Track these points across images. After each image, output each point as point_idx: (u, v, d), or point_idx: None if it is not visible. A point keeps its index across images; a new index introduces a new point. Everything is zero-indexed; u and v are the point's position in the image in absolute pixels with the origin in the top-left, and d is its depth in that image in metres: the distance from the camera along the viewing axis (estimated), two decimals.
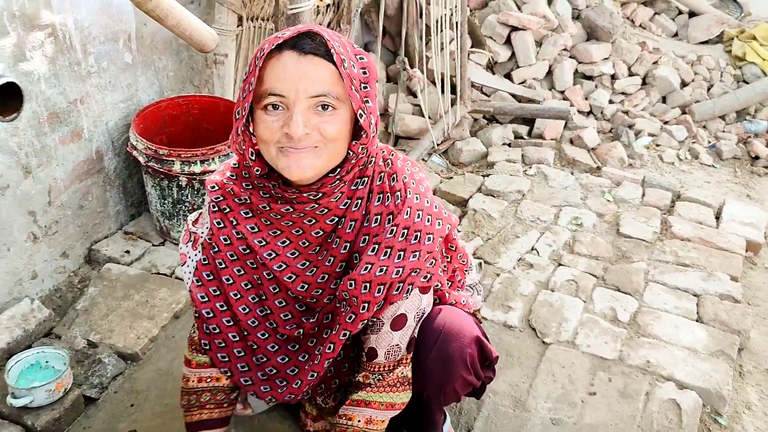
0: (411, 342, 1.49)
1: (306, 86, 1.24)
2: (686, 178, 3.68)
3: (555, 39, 4.30)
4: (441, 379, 1.53)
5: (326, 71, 1.25)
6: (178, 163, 2.44)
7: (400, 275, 1.38)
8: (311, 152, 1.29)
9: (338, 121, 1.28)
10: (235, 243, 1.48)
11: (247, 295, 1.52)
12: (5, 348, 2.10)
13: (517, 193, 3.25)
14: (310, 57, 1.24)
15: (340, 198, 1.38)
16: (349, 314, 1.41)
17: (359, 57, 1.31)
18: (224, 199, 1.47)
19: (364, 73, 1.30)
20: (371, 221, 1.40)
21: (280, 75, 1.25)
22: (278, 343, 1.56)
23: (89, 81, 2.41)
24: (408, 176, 1.43)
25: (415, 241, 1.39)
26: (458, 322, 1.52)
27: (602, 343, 2.31)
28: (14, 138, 2.16)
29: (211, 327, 1.57)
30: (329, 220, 1.40)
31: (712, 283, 2.64)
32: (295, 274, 1.46)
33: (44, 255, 2.39)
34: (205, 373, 1.64)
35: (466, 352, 1.51)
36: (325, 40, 1.25)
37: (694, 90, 4.37)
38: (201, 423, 1.64)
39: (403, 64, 3.44)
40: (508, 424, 2.01)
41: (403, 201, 1.39)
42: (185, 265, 1.60)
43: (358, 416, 1.51)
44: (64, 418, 1.94)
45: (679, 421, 2.04)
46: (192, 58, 2.91)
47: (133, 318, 2.30)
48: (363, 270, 1.37)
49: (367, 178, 1.40)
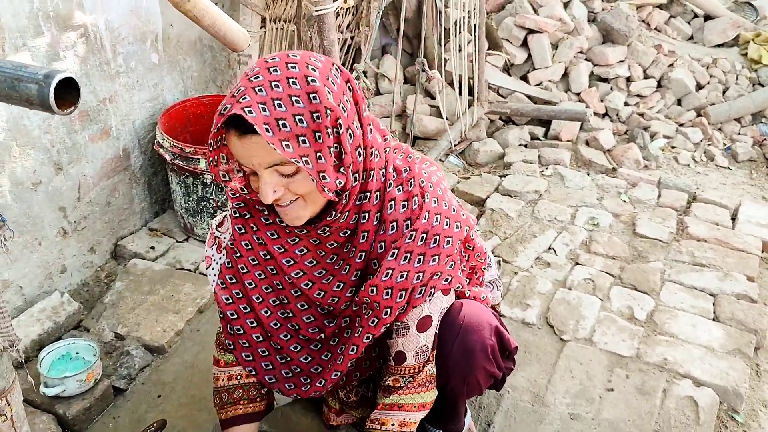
0: (434, 339, 1.53)
1: (259, 160, 1.25)
2: (702, 179, 3.70)
3: (571, 41, 4.33)
4: (464, 371, 1.56)
5: (267, 144, 1.21)
6: (203, 161, 2.50)
7: (421, 280, 1.41)
8: (296, 206, 1.33)
9: (303, 178, 1.28)
10: (256, 248, 1.51)
11: (269, 298, 1.56)
12: (37, 339, 2.16)
13: (534, 193, 3.28)
14: (248, 137, 1.22)
15: (348, 216, 1.39)
16: (372, 318, 1.44)
17: (312, 97, 1.22)
18: (245, 206, 1.50)
19: (316, 118, 1.22)
20: (387, 228, 1.41)
21: (235, 152, 1.28)
22: (301, 343, 1.60)
23: (118, 80, 2.48)
24: (425, 179, 1.44)
25: (434, 245, 1.41)
26: (477, 314, 1.55)
27: (619, 341, 2.34)
28: (47, 135, 2.23)
29: (236, 328, 1.60)
30: (342, 232, 1.42)
31: (728, 283, 2.66)
32: (312, 281, 1.50)
33: (73, 250, 2.46)
34: (234, 371, 1.67)
35: (487, 343, 1.53)
36: (250, 121, 1.18)
37: (709, 92, 4.39)
38: (236, 418, 1.67)
39: (422, 65, 3.48)
40: (527, 419, 2.04)
41: (420, 206, 1.40)
42: (210, 267, 1.64)
43: (392, 420, 1.53)
44: (94, 408, 1.99)
45: (697, 417, 2.06)
46: (215, 58, 2.97)
47: (158, 312, 2.36)
48: (384, 276, 1.39)
49: (369, 192, 1.39)
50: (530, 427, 2.01)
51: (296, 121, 1.21)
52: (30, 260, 2.28)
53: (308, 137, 1.22)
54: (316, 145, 1.23)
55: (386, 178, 1.41)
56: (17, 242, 2.22)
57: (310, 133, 1.22)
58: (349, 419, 1.83)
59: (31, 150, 2.18)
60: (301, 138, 1.22)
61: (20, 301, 2.27)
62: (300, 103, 1.22)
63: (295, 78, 1.23)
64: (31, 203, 2.23)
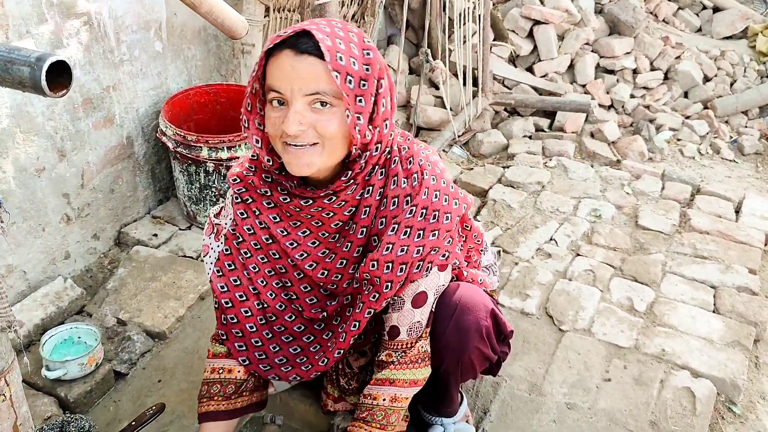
0: (429, 317, 1.54)
1: (301, 85, 1.27)
2: (707, 172, 3.69)
3: (577, 33, 4.32)
4: (458, 351, 1.57)
5: (321, 69, 1.26)
6: (205, 149, 2.51)
7: (420, 254, 1.43)
8: (310, 150, 1.33)
9: (335, 118, 1.30)
10: (259, 233, 1.53)
11: (272, 281, 1.58)
12: (39, 324, 2.18)
13: (536, 184, 3.28)
14: (305, 56, 1.26)
15: (356, 189, 1.42)
16: (373, 293, 1.46)
17: (366, 52, 1.31)
18: (246, 191, 1.52)
19: (366, 69, 1.30)
20: (389, 204, 1.44)
21: (278, 74, 1.28)
22: (304, 323, 1.62)
23: (122, 68, 2.49)
24: (424, 158, 1.47)
25: (433, 220, 1.43)
26: (474, 296, 1.56)
27: (618, 332, 2.35)
28: (50, 122, 2.25)
29: (229, 317, 1.62)
30: (347, 211, 1.45)
31: (729, 275, 2.66)
32: (316, 261, 1.52)
33: (76, 236, 2.48)
34: (217, 364, 1.67)
35: (482, 324, 1.55)
36: (318, 39, 1.25)
37: (716, 85, 4.37)
38: (208, 414, 1.65)
39: (426, 56, 3.48)
40: (523, 407, 2.05)
41: (420, 182, 1.43)
42: (207, 255, 1.65)
43: (383, 395, 1.55)
44: (95, 391, 2.02)
45: (693, 408, 2.07)
46: (219, 48, 2.98)
47: (160, 298, 2.38)
48: (384, 250, 1.42)
49: (378, 167, 1.43)
50: (526, 415, 2.02)
51: (351, 62, 1.28)
52: (34, 246, 2.30)
53: (355, 81, 1.29)
54: (359, 90, 1.30)
55: (390, 156, 1.45)
56: (21, 228, 2.24)
57: (358, 78, 1.29)
58: (346, 406, 1.85)
59: (34, 136, 2.21)
60: (350, 77, 1.28)
61: (24, 286, 2.30)
62: (356, 50, 1.30)
63: (354, 34, 1.33)
64: (35, 189, 2.26)
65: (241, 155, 2.55)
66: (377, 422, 1.55)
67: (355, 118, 1.30)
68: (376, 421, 1.55)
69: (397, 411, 1.57)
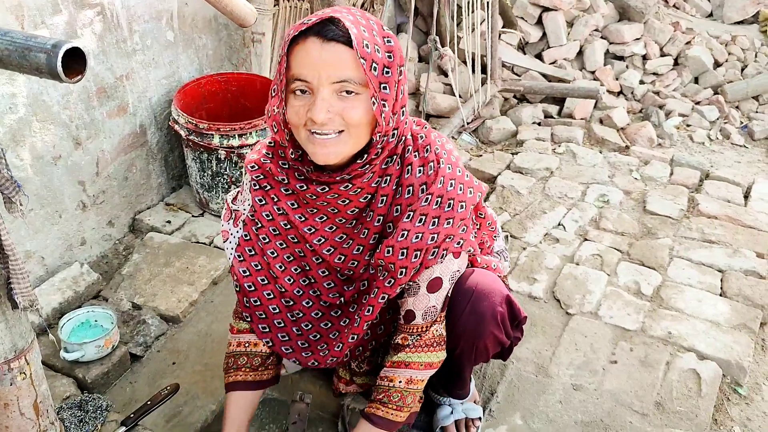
0: (445, 302, 1.58)
1: (328, 72, 1.28)
2: (716, 158, 3.69)
3: (586, 19, 4.31)
4: (473, 336, 1.61)
5: (348, 57, 1.27)
6: (217, 136, 2.55)
7: (435, 241, 1.46)
8: (336, 139, 1.34)
9: (360, 106, 1.32)
10: (277, 219, 1.56)
11: (290, 266, 1.61)
12: (57, 307, 2.24)
13: (545, 170, 3.30)
14: (332, 44, 1.27)
15: (372, 177, 1.45)
16: (388, 279, 1.49)
17: (386, 40, 1.33)
18: (264, 178, 1.55)
19: (389, 57, 1.32)
20: (404, 192, 1.46)
21: (305, 61, 1.29)
22: (321, 309, 1.66)
23: (134, 58, 2.54)
24: (440, 147, 1.49)
25: (448, 209, 1.45)
26: (490, 282, 1.60)
27: (625, 315, 2.37)
28: (66, 111, 2.30)
29: (252, 300, 1.65)
30: (363, 198, 1.47)
31: (737, 259, 2.67)
32: (333, 247, 1.55)
33: (92, 223, 2.53)
34: (243, 338, 1.73)
35: (497, 310, 1.58)
36: (347, 27, 1.26)
37: (727, 70, 4.35)
38: (236, 384, 1.71)
39: (435, 43, 3.50)
40: (530, 389, 2.09)
41: (436, 171, 1.45)
42: (227, 241, 1.68)
43: (399, 377, 1.59)
44: (112, 373, 2.07)
45: (699, 390, 2.09)
46: (230, 37, 3.01)
47: (174, 283, 2.43)
48: (400, 237, 1.44)
49: (395, 156, 1.46)
50: (533, 396, 2.06)
51: (375, 49, 1.30)
52: (51, 232, 2.36)
53: (380, 68, 1.31)
54: (383, 77, 1.32)
55: (405, 144, 1.47)
56: (39, 214, 2.30)
57: (382, 65, 1.31)
58: (357, 389, 1.89)
59: (50, 125, 2.25)
60: (375, 64, 1.30)
61: (42, 271, 2.36)
62: (378, 38, 1.32)
63: (374, 22, 1.35)
64: (52, 177, 2.31)
65: (251, 142, 2.59)
66: (393, 404, 1.59)
67: (381, 105, 1.32)
68: (392, 403, 1.59)
69: (413, 393, 1.61)
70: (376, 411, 1.60)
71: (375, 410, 1.60)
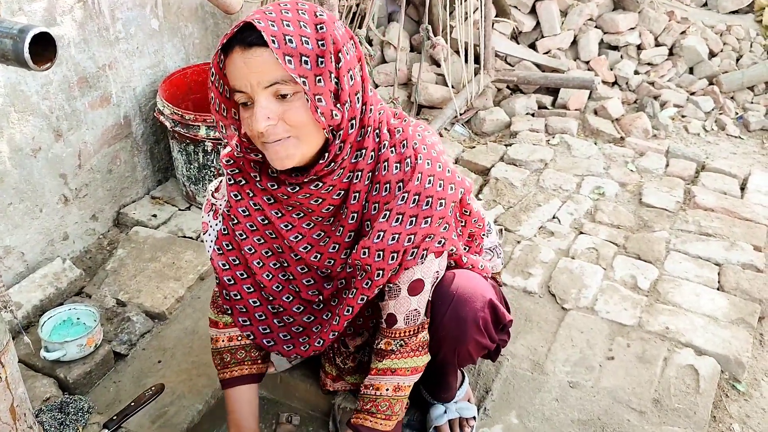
0: (427, 306, 1.52)
1: (258, 79, 1.23)
2: (712, 149, 3.65)
3: (581, 8, 4.25)
4: (455, 342, 1.56)
5: (273, 59, 1.21)
6: (203, 128, 2.48)
7: (412, 242, 1.40)
8: (285, 144, 1.29)
9: (302, 105, 1.26)
10: (254, 214, 1.51)
11: (269, 262, 1.56)
12: (38, 305, 2.17)
13: (539, 162, 3.25)
14: (254, 49, 1.21)
15: (343, 173, 1.38)
16: (365, 280, 1.44)
17: (319, 27, 1.25)
18: (239, 172, 1.49)
19: (321, 45, 1.24)
20: (381, 190, 1.40)
21: (235, 73, 1.25)
22: (303, 304, 1.61)
23: (117, 47, 2.46)
24: (419, 141, 1.43)
25: (426, 207, 1.39)
26: (471, 286, 1.54)
27: (621, 310, 2.33)
28: (46, 101, 2.22)
29: (232, 293, 1.61)
30: (336, 195, 1.41)
31: (734, 252, 2.63)
32: (310, 244, 1.49)
33: (75, 217, 2.46)
34: (234, 332, 1.68)
35: (479, 315, 1.53)
36: (260, 29, 1.19)
37: (722, 60, 4.30)
38: (242, 378, 1.68)
39: (427, 32, 3.43)
40: (525, 386, 2.04)
41: (413, 168, 1.39)
42: (206, 233, 1.64)
43: (386, 385, 1.54)
44: (95, 372, 2.01)
45: (697, 386, 2.05)
46: (217, 25, 2.94)
47: (160, 279, 2.37)
48: (376, 238, 1.38)
49: (365, 150, 1.38)
50: (529, 394, 2.01)
51: (302, 41, 1.23)
52: (31, 227, 2.29)
53: (311, 59, 1.23)
54: (317, 69, 1.24)
55: (380, 139, 1.40)
56: (18, 208, 2.22)
57: (313, 57, 1.24)
58: (345, 386, 1.85)
59: (29, 116, 2.18)
60: (304, 58, 1.23)
61: (22, 267, 2.29)
62: (307, 28, 1.24)
63: (304, 11, 1.27)
64: (32, 170, 2.24)
65: None
66: (382, 413, 1.55)
67: (315, 100, 1.25)
68: (380, 412, 1.55)
69: (401, 400, 1.56)
70: (364, 422, 1.55)
71: (363, 421, 1.55)
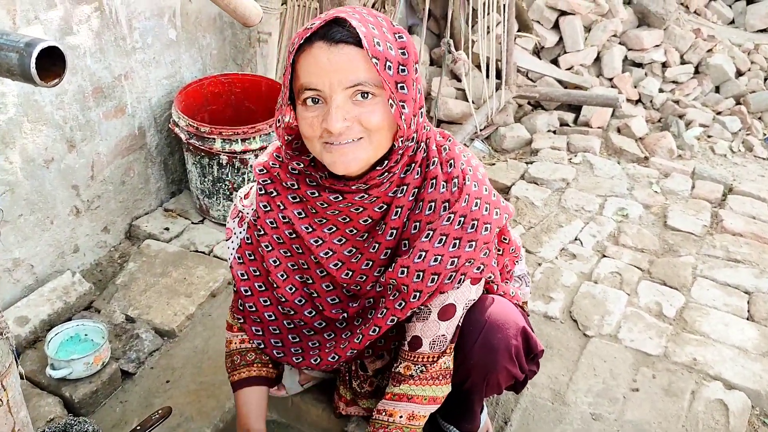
0: (456, 331, 1.45)
1: (340, 77, 1.19)
2: (739, 171, 3.55)
3: (605, 24, 4.18)
4: (485, 369, 1.49)
5: (360, 58, 1.18)
6: (219, 140, 2.43)
7: (454, 265, 1.34)
8: (355, 146, 1.24)
9: (379, 109, 1.22)
10: (281, 227, 1.46)
11: (293, 275, 1.51)
12: (46, 320, 2.12)
13: (561, 181, 3.17)
14: (341, 46, 1.18)
15: (390, 186, 1.33)
16: (399, 300, 1.37)
17: (398, 36, 1.23)
18: (272, 182, 1.44)
19: (403, 54, 1.22)
20: (424, 208, 1.34)
21: (313, 69, 1.20)
22: (324, 320, 1.55)
23: (134, 57, 2.42)
24: (465, 162, 1.37)
25: (471, 230, 1.33)
26: (504, 312, 1.48)
27: (646, 339, 2.24)
28: (59, 111, 2.18)
29: (248, 305, 1.57)
30: (378, 207, 1.36)
31: (765, 280, 2.54)
32: (341, 261, 1.43)
33: (86, 229, 2.42)
34: (247, 336, 1.63)
35: (512, 343, 1.46)
36: (354, 26, 1.17)
37: (750, 80, 4.21)
38: (250, 380, 1.62)
39: (448, 46, 3.38)
40: (546, 417, 1.96)
41: (460, 188, 1.33)
42: (230, 240, 1.59)
43: (400, 412, 1.46)
44: (101, 391, 1.95)
45: (726, 422, 1.96)
46: (235, 36, 2.89)
47: (170, 295, 2.31)
48: (417, 258, 1.32)
49: (415, 164, 1.34)
50: (549, 426, 1.93)
51: (387, 47, 1.20)
52: (41, 239, 2.24)
53: (393, 66, 1.20)
54: (398, 76, 1.21)
55: (428, 155, 1.35)
56: (28, 220, 2.18)
57: (396, 63, 1.21)
58: (359, 411, 1.77)
59: (43, 126, 2.14)
60: (389, 63, 1.19)
61: (31, 280, 2.24)
62: (389, 35, 1.22)
63: (382, 18, 1.24)
64: (43, 181, 2.19)
65: (255, 147, 2.47)
66: None
67: (399, 107, 1.21)
68: None
69: (414, 430, 1.48)
70: None
71: None
